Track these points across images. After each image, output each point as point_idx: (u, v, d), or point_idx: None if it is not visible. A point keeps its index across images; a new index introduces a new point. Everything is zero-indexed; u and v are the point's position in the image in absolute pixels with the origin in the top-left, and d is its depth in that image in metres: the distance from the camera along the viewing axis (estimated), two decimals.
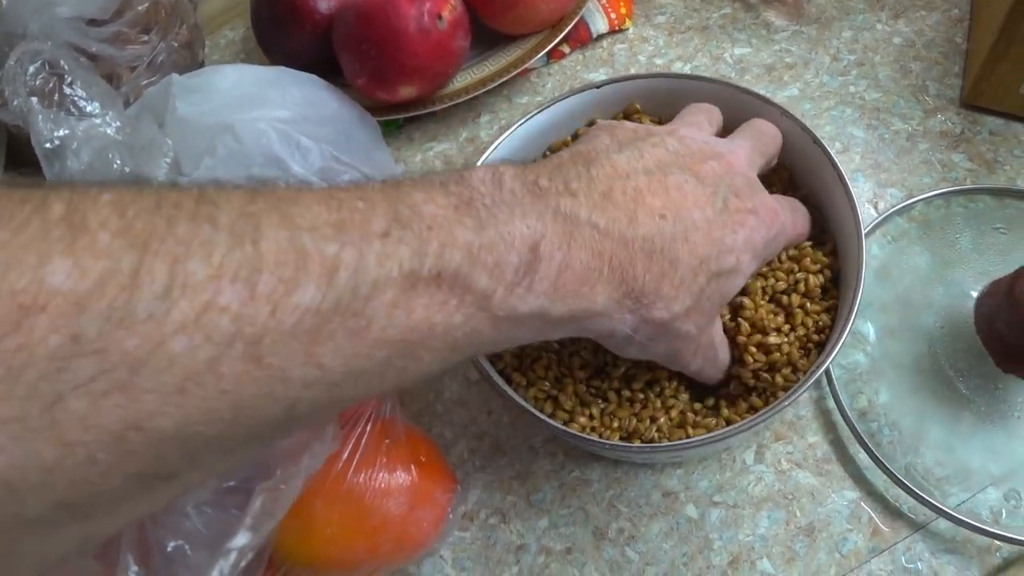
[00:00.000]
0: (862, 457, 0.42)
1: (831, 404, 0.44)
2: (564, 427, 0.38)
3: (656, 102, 0.46)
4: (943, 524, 0.40)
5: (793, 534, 0.41)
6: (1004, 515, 0.40)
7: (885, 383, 0.44)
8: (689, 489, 0.43)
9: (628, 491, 0.43)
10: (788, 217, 0.36)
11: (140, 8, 0.58)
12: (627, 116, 0.46)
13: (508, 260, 0.26)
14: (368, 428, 0.38)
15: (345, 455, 0.37)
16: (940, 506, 0.39)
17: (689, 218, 0.31)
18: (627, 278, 0.30)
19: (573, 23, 0.57)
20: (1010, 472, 0.41)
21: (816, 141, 0.40)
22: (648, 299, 0.30)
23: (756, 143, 0.38)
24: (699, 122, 0.39)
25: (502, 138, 0.45)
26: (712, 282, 0.32)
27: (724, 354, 0.38)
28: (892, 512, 0.41)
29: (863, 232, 0.38)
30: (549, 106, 0.45)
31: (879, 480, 0.42)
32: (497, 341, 0.28)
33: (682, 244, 0.30)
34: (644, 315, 0.30)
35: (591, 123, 0.46)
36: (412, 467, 0.39)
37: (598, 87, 0.45)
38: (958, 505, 0.40)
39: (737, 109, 0.43)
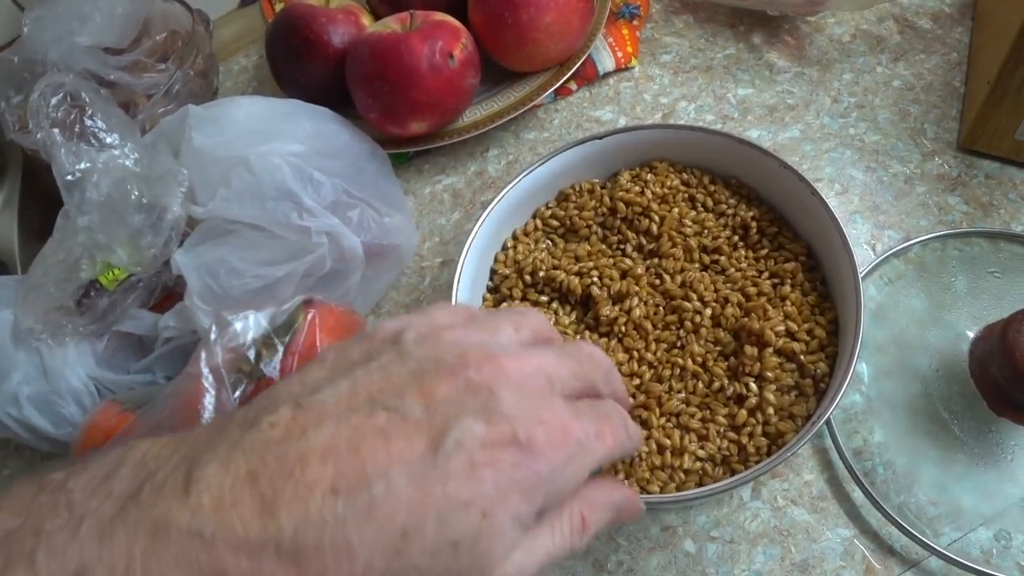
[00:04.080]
0: (857, 495, 0.43)
1: (828, 443, 0.45)
2: None
3: (665, 150, 0.47)
4: (935, 562, 0.41)
5: (788, 570, 0.42)
6: (995, 554, 0.41)
7: (880, 423, 0.45)
8: (687, 524, 0.44)
9: (627, 525, 0.44)
10: (590, 429, 0.27)
11: (158, 38, 0.59)
12: (651, 168, 0.48)
13: None
14: None
15: None
16: (932, 545, 0.40)
17: (380, 483, 0.23)
18: None
19: (580, 62, 0.58)
20: (1001, 513, 0.42)
21: (814, 193, 0.41)
22: None
23: (573, 361, 0.29)
24: (496, 326, 0.29)
25: (504, 192, 0.46)
26: (442, 554, 0.23)
27: (561, 547, 0.27)
28: (885, 550, 0.42)
29: (860, 276, 0.39)
30: (549, 159, 0.46)
31: (873, 518, 0.43)
32: None
33: (362, 524, 0.23)
34: None
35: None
36: None
37: (600, 138, 0.46)
38: (950, 544, 0.41)
39: (736, 159, 0.45)
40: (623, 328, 0.43)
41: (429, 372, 0.26)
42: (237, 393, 0.36)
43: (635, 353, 0.43)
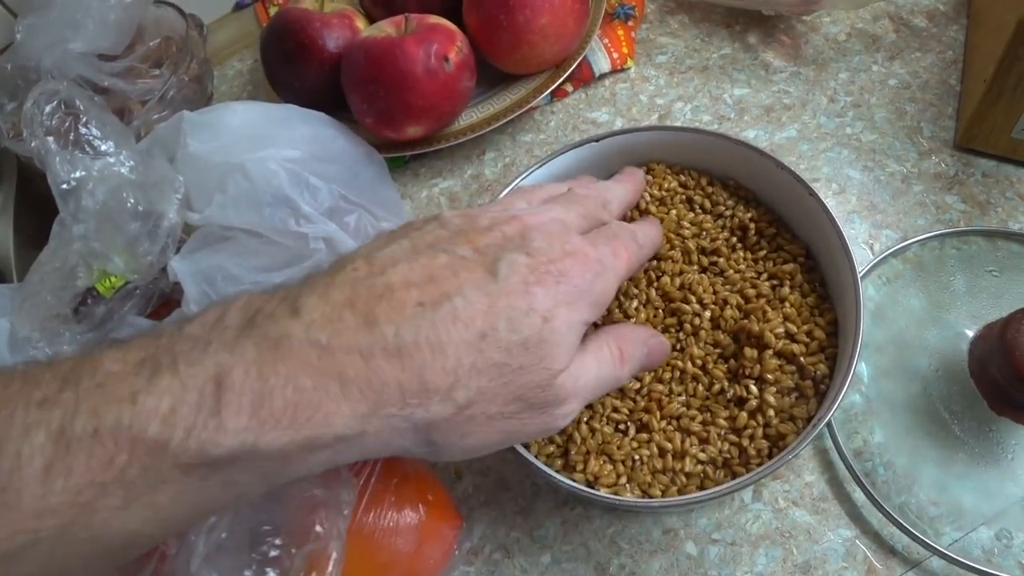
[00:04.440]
0: (858, 496, 0.43)
1: (828, 443, 0.45)
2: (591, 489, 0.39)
3: (663, 152, 0.47)
4: (936, 562, 0.41)
5: (790, 572, 0.42)
6: (996, 554, 0.41)
7: (880, 423, 0.45)
8: (688, 527, 0.44)
9: (629, 528, 0.44)
10: (606, 249, 0.33)
11: (152, 43, 0.59)
12: (648, 170, 0.48)
13: (184, 401, 0.25)
14: (377, 467, 0.39)
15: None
16: (934, 545, 0.40)
17: (458, 297, 0.28)
18: (373, 387, 0.27)
19: (576, 63, 0.58)
20: (1002, 512, 0.42)
21: (812, 194, 0.41)
22: (416, 399, 0.27)
23: (577, 205, 0.36)
24: (510, 201, 0.37)
25: (501, 195, 0.45)
26: (514, 351, 0.28)
27: (606, 373, 0.33)
28: (887, 550, 0.42)
29: (859, 276, 0.39)
30: (546, 162, 0.46)
31: (874, 518, 0.43)
32: (217, 498, 0.26)
33: (449, 326, 0.28)
34: (424, 417, 0.28)
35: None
36: (420, 505, 0.40)
37: (597, 141, 0.46)
38: (951, 544, 0.41)
39: (734, 160, 0.45)
40: None
41: (470, 230, 0.31)
42: None
43: None
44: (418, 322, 0.27)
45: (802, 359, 0.40)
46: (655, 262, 0.45)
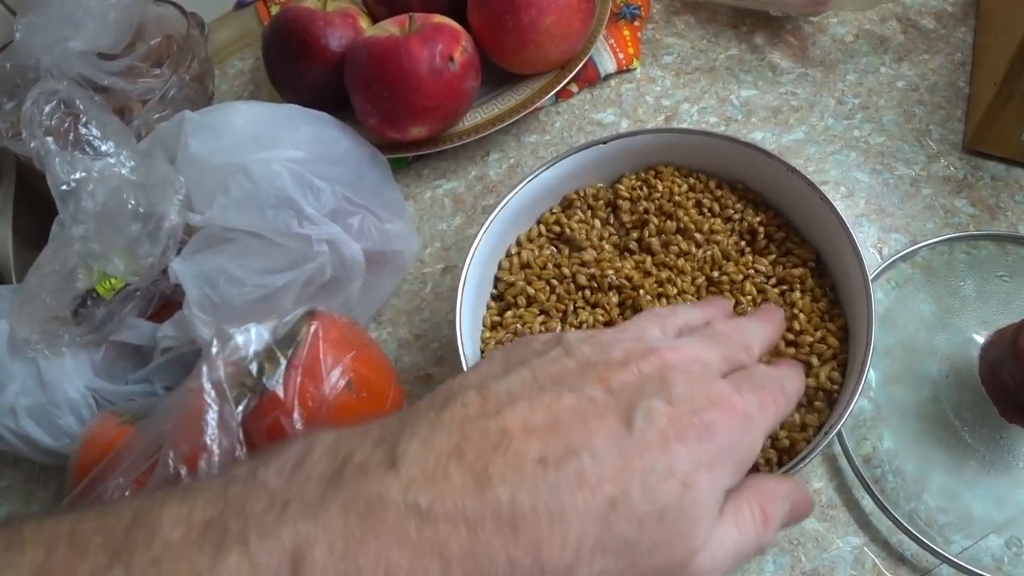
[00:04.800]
0: (867, 503, 0.43)
1: (837, 449, 0.44)
2: None
3: (670, 154, 0.47)
4: (946, 571, 0.41)
5: None
6: (1006, 562, 0.40)
7: (889, 429, 0.44)
8: None
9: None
10: (754, 401, 0.28)
11: (152, 42, 0.58)
12: (656, 173, 0.47)
13: None
14: None
15: None
16: (943, 552, 0.40)
17: (586, 452, 0.24)
18: (480, 565, 0.22)
19: (582, 64, 0.57)
20: (1012, 520, 0.41)
21: (823, 198, 0.41)
22: None
23: (718, 344, 0.31)
24: (644, 326, 0.31)
25: (507, 198, 0.45)
26: (647, 525, 0.24)
27: (748, 541, 0.27)
28: (896, 558, 0.41)
29: (870, 280, 0.39)
30: (552, 165, 0.46)
31: (883, 526, 0.42)
32: None
33: (575, 492, 0.23)
34: None
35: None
36: None
37: (604, 143, 0.46)
38: (961, 552, 0.40)
39: (742, 163, 0.44)
40: None
41: (601, 363, 0.27)
42: (240, 408, 0.35)
43: None
44: (539, 485, 0.23)
45: (814, 367, 0.40)
46: (664, 269, 0.44)
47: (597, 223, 0.47)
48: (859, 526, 0.42)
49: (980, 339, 0.44)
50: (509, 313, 0.45)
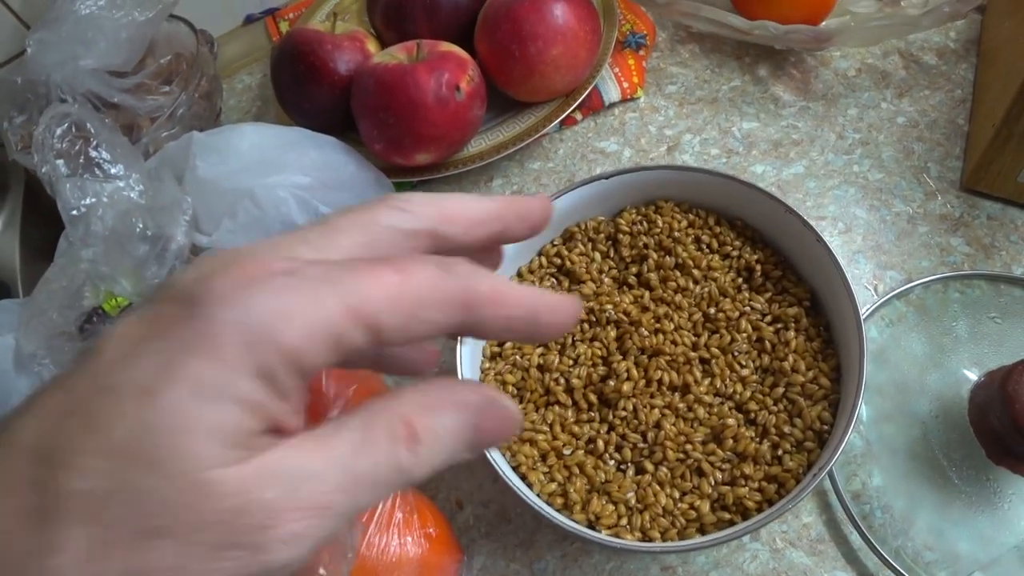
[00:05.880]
0: (855, 538, 0.43)
1: (827, 485, 0.45)
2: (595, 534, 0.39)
3: (671, 189, 0.47)
4: None
5: None
6: None
7: (879, 467, 0.45)
8: (686, 564, 0.44)
9: (627, 564, 0.44)
10: None
11: (162, 60, 0.59)
12: (657, 208, 0.48)
13: None
14: (386, 504, 0.39)
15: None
16: None
17: None
18: None
19: (587, 93, 0.58)
20: (996, 560, 0.42)
21: (820, 240, 0.41)
22: None
23: None
24: None
25: None
26: None
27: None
28: None
29: (863, 318, 0.40)
30: (554, 199, 0.46)
31: (871, 561, 0.43)
32: None
33: None
34: None
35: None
36: (422, 539, 0.40)
37: (607, 178, 0.46)
38: None
39: (742, 201, 0.45)
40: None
41: None
42: None
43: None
44: None
45: (806, 409, 0.40)
46: (662, 304, 0.45)
47: (597, 256, 0.48)
48: (847, 561, 0.43)
49: (971, 378, 0.45)
50: (508, 344, 0.46)
